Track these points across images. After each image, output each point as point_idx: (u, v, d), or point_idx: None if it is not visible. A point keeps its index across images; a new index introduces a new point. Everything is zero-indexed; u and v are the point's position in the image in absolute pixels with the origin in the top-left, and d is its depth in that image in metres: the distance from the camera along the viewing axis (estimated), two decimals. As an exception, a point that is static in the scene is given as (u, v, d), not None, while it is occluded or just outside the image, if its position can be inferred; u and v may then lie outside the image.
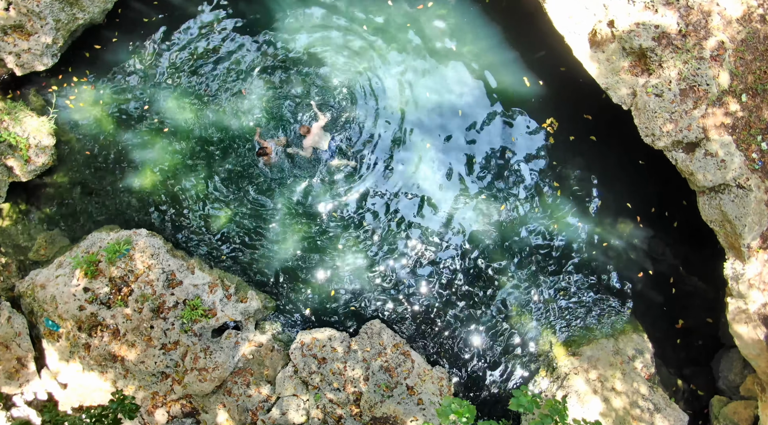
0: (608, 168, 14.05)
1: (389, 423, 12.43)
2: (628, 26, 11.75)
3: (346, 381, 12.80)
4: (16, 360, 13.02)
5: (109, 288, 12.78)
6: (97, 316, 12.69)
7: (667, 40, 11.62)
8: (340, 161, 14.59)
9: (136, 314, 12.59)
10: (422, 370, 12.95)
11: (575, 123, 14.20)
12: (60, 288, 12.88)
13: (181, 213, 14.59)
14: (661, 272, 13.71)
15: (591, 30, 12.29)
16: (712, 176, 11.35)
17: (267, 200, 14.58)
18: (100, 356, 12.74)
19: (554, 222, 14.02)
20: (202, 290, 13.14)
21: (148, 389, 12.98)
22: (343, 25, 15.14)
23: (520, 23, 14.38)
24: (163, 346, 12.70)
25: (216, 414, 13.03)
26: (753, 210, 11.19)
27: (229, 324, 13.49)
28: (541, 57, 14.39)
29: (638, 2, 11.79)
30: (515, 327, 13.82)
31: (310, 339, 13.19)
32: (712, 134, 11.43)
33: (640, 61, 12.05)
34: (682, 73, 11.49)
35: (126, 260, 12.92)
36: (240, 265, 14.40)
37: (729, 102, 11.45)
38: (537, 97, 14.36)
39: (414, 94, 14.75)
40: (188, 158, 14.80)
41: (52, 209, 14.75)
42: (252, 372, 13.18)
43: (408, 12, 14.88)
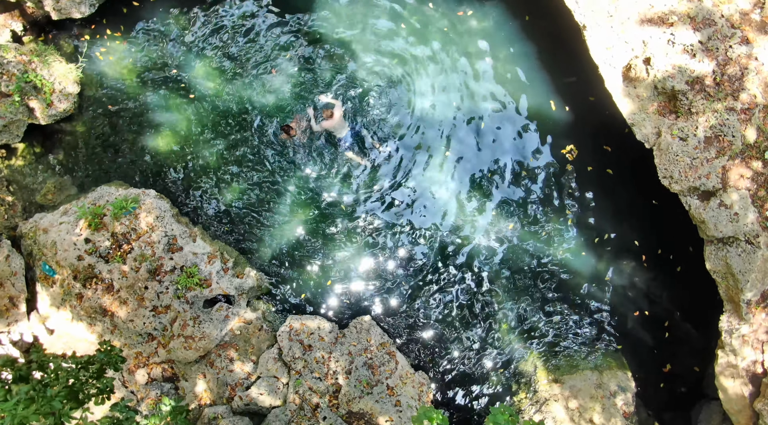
0: (621, 203, 14.05)
1: (364, 419, 12.47)
2: (665, 66, 11.76)
3: (328, 372, 12.84)
4: (8, 298, 13.07)
5: (110, 243, 12.81)
6: (94, 268, 12.72)
7: (700, 86, 11.63)
8: (354, 156, 14.61)
9: (132, 273, 12.63)
10: (405, 373, 12.99)
11: (594, 154, 14.20)
12: (62, 235, 12.91)
13: (191, 181, 14.63)
14: (657, 314, 13.72)
15: (627, 64, 12.29)
16: (723, 227, 11.36)
17: (279, 181, 14.60)
18: (90, 308, 12.78)
19: (559, 249, 14.03)
20: (201, 260, 13.17)
21: (133, 348, 13.03)
22: (379, 24, 15.14)
23: (556, 46, 14.37)
24: (154, 308, 12.74)
25: (195, 383, 13.08)
26: (758, 267, 11.21)
27: (222, 297, 13.52)
28: (572, 83, 14.39)
29: (678, 44, 11.79)
30: (503, 345, 13.84)
31: (299, 325, 13.23)
32: (729, 186, 11.44)
33: (670, 103, 12.05)
34: (710, 122, 11.50)
35: (131, 218, 12.95)
36: (241, 241, 14.43)
37: (752, 157, 11.46)
38: (561, 122, 14.35)
39: (441, 100, 14.76)
40: (207, 128, 14.83)
41: (65, 157, 14.79)
42: (237, 347, 13.22)
43: (447, 17, 14.88)
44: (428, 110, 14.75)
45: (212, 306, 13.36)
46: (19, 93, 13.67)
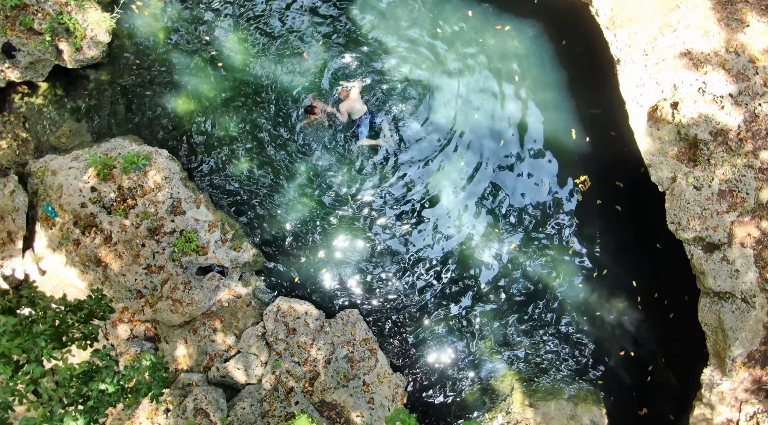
0: (624, 241, 14.05)
1: (335, 410, 12.49)
2: (691, 113, 11.78)
3: (308, 358, 12.86)
4: (6, 233, 13.09)
5: (115, 195, 12.83)
6: (95, 217, 12.74)
7: (723, 138, 11.65)
8: (370, 141, 14.63)
9: (132, 228, 12.65)
10: (383, 371, 13.01)
11: (606, 188, 14.21)
12: (69, 180, 12.94)
13: (204, 148, 14.66)
14: (642, 357, 13.72)
15: (654, 105, 12.31)
16: (722, 281, 11.37)
17: (290, 162, 14.63)
18: (86, 256, 12.80)
19: (556, 276, 14.05)
20: (201, 227, 13.19)
21: (120, 302, 13.05)
22: (419, 22, 15.16)
23: (587, 75, 14.38)
24: (148, 267, 12.76)
25: (176, 347, 13.10)
26: (749, 327, 11.22)
27: (216, 267, 13.54)
28: (596, 114, 14.40)
29: (708, 93, 11.81)
30: (484, 361, 13.86)
31: (287, 307, 13.24)
32: (735, 242, 11.46)
33: (690, 150, 12.07)
34: (727, 175, 11.52)
35: (140, 174, 12.97)
36: (243, 216, 14.46)
37: (762, 217, 11.47)
38: (579, 151, 14.37)
39: (463, 109, 14.78)
40: (230, 99, 14.86)
41: (85, 104, 14.83)
42: (222, 319, 13.25)
43: (485, 28, 14.89)
44: (449, 116, 14.77)
45: (205, 275, 13.39)
46: (51, 33, 13.70)
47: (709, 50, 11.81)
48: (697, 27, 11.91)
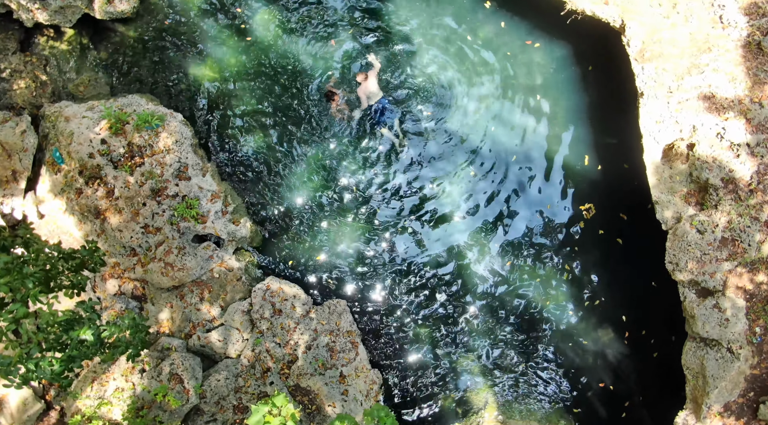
0: (621, 275, 14.03)
1: (308, 397, 12.50)
2: (706, 157, 11.76)
3: (289, 341, 12.87)
4: (11, 171, 13.10)
5: (124, 151, 12.84)
6: (101, 170, 12.75)
7: (734, 186, 11.64)
8: (386, 131, 14.64)
9: (136, 186, 12.66)
10: (362, 366, 13.00)
11: (610, 219, 14.19)
12: (81, 128, 12.94)
13: (219, 118, 14.67)
14: (620, 391, 13.70)
15: (670, 143, 12.29)
16: (710, 328, 11.37)
17: (303, 145, 14.63)
18: (86, 206, 12.81)
19: (547, 299, 14.04)
20: (204, 196, 13.20)
21: (113, 257, 13.06)
22: (448, 27, 15.14)
23: (609, 103, 14.34)
24: (146, 226, 12.77)
25: (160, 310, 13.11)
26: (731, 378, 11.23)
27: (212, 237, 13.55)
28: (611, 144, 14.38)
29: (726, 140, 11.79)
30: (463, 372, 13.86)
31: (276, 287, 13.25)
32: (729, 291, 11.45)
33: (699, 193, 12.06)
34: (732, 224, 11.51)
35: (151, 133, 12.97)
36: (247, 191, 14.46)
37: (760, 271, 11.47)
38: (589, 178, 14.35)
39: (480, 118, 14.77)
40: (252, 73, 14.87)
41: (108, 56, 14.84)
42: (211, 289, 13.25)
43: (515, 42, 14.86)
44: (466, 124, 14.77)
45: (200, 243, 13.41)
46: (85, -19, 13.72)
47: (734, 97, 11.79)
48: (725, 72, 11.90)
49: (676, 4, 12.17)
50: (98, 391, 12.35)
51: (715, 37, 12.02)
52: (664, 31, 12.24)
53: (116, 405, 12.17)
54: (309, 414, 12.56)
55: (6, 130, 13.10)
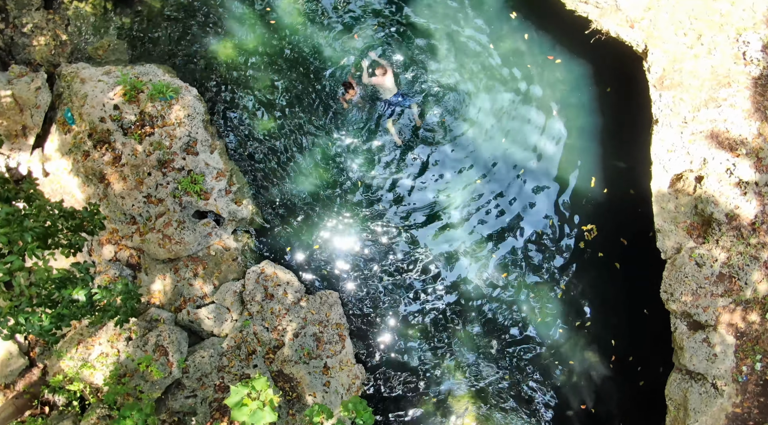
0: (615, 299, 14.02)
1: (290, 384, 12.50)
2: (713, 191, 11.76)
3: (277, 326, 12.87)
4: (21, 126, 13.11)
5: (136, 119, 12.84)
6: (110, 135, 12.76)
7: (737, 223, 11.64)
8: (392, 128, 14.65)
9: (143, 155, 12.66)
10: (346, 359, 13.01)
11: (610, 242, 14.18)
12: (96, 92, 12.94)
13: (233, 97, 14.67)
14: (600, 416, 13.69)
15: (679, 173, 12.29)
16: (697, 362, 11.37)
17: (314, 134, 14.64)
18: (91, 169, 12.82)
19: (539, 315, 14.04)
20: (210, 173, 13.20)
21: (112, 223, 13.07)
22: (472, 34, 15.13)
23: (622, 127, 14.32)
24: (149, 196, 12.78)
25: (153, 281, 13.12)
26: (712, 413, 11.22)
27: (213, 214, 13.56)
28: (620, 168, 14.37)
29: (735, 176, 11.78)
30: (446, 377, 13.86)
31: (271, 272, 13.26)
32: (720, 327, 11.45)
33: (702, 226, 12.05)
34: (731, 261, 11.51)
35: (165, 105, 12.97)
36: (253, 173, 14.47)
37: (753, 310, 11.47)
38: (594, 199, 14.33)
39: (493, 128, 14.76)
40: (271, 58, 14.87)
41: (131, 23, 14.84)
42: (206, 266, 13.26)
43: (537, 56, 14.85)
44: (478, 131, 14.76)
45: (200, 219, 13.41)
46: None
47: (748, 135, 11.78)
48: (743, 109, 11.89)
49: (701, 36, 12.16)
50: (83, 354, 12.36)
51: (737, 73, 12.01)
52: (686, 61, 12.23)
53: (99, 369, 12.18)
54: (289, 401, 12.57)
55: (21, 84, 13.11)
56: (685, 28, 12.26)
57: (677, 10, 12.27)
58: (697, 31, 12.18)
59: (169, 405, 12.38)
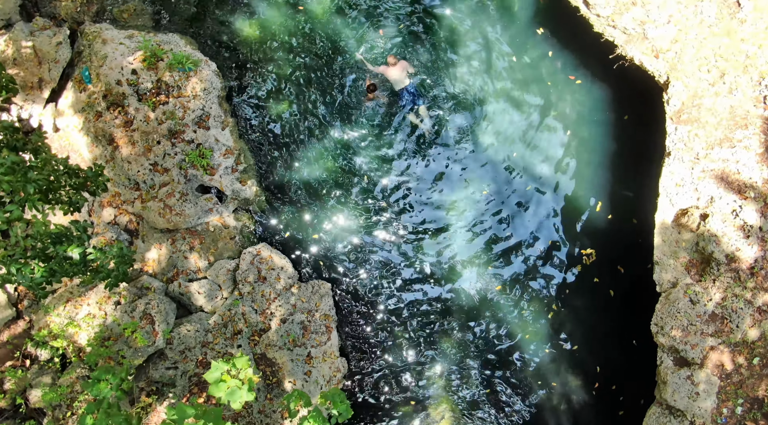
0: (605, 326, 13.96)
1: (272, 368, 12.50)
2: (716, 231, 11.73)
3: (266, 310, 12.87)
4: (38, 79, 13.12)
5: (152, 86, 12.84)
6: (125, 98, 12.76)
7: (736, 266, 11.61)
8: (413, 117, 14.65)
9: (155, 123, 12.66)
10: (330, 351, 13.00)
11: (608, 269, 14.14)
12: (116, 54, 12.94)
13: (252, 77, 14.67)
14: (575, 438, 13.74)
15: (685, 208, 12.26)
16: (679, 398, 11.34)
17: (327, 123, 14.63)
18: (102, 130, 12.82)
19: (526, 333, 13.99)
20: (219, 149, 13.20)
21: (116, 187, 13.07)
22: (499, 45, 15.08)
23: (634, 155, 14.25)
24: (155, 164, 12.78)
25: (149, 249, 13.12)
26: (687, 449, 11.22)
27: (216, 191, 13.55)
28: (627, 196, 14.33)
29: (740, 218, 11.76)
30: (427, 383, 13.84)
31: (267, 255, 13.25)
32: (706, 367, 11.43)
33: (701, 264, 12.02)
34: (725, 302, 11.48)
35: (183, 76, 12.97)
36: (262, 155, 14.46)
37: (741, 354, 11.44)
38: (597, 224, 14.29)
39: (506, 141, 14.73)
40: (296, 41, 14.86)
41: (159, -9, 14.87)
42: (203, 241, 13.26)
43: (558, 74, 14.80)
44: (491, 142, 14.72)
45: (203, 194, 13.40)
46: None
47: (758, 179, 11.75)
48: (756, 152, 11.85)
49: (724, 75, 12.13)
50: (70, 312, 12.37)
51: (755, 116, 11.98)
52: (706, 97, 12.20)
53: (84, 329, 12.18)
54: (268, 385, 12.57)
55: (43, 37, 13.12)
56: (709, 65, 12.22)
57: (704, 47, 12.23)
58: (721, 69, 12.14)
59: (150, 373, 12.39)
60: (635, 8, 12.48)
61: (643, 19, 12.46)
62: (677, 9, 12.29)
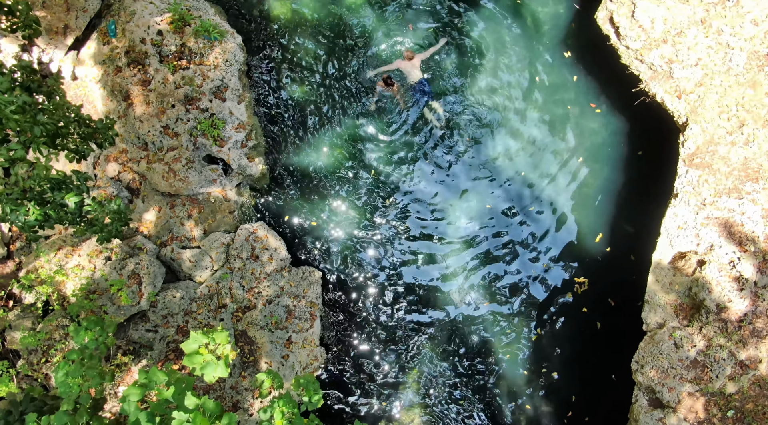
0: (586, 357, 13.94)
1: (250, 346, 12.51)
2: (711, 278, 11.71)
3: (253, 288, 12.87)
4: (64, 25, 13.12)
5: (175, 50, 12.85)
6: (147, 57, 12.77)
7: (725, 317, 11.59)
8: (427, 111, 14.69)
9: (172, 86, 12.67)
10: (311, 339, 12.99)
11: (598, 300, 14.11)
12: (145, 12, 12.97)
13: (275, 56, 14.70)
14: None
15: (684, 252, 12.25)
16: (647, 437, 11.35)
17: (343, 113, 14.63)
18: (119, 85, 12.84)
19: (507, 353, 13.98)
20: (232, 122, 13.20)
21: (124, 143, 13.09)
22: (525, 62, 15.07)
23: (642, 193, 14.26)
24: (166, 127, 12.79)
25: (147, 210, 13.13)
26: (647, 490, 11.20)
27: (223, 163, 13.55)
28: (628, 231, 14.31)
29: (737, 270, 11.73)
30: (401, 386, 13.83)
31: (263, 234, 13.25)
32: (680, 411, 11.41)
33: (691, 309, 12.01)
34: (709, 350, 11.46)
35: (207, 44, 12.98)
36: (274, 134, 14.48)
37: (716, 404, 11.41)
38: (594, 255, 14.27)
39: (516, 159, 14.70)
40: (323, 28, 14.88)
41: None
42: (202, 210, 13.26)
43: (579, 100, 14.77)
44: (500, 157, 14.71)
45: (209, 164, 13.41)
46: None
47: (761, 234, 11.73)
48: (763, 207, 11.83)
49: (743, 126, 12.10)
50: (61, 260, 12.38)
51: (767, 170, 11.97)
52: (721, 145, 12.18)
53: (71, 279, 12.20)
54: (244, 362, 12.57)
55: (75, -15, 13.15)
56: (729, 113, 12.20)
57: (727, 95, 12.21)
58: (741, 120, 12.12)
59: (129, 333, 12.41)
60: (665, 46, 12.46)
61: (671, 58, 12.44)
62: (707, 53, 12.26)
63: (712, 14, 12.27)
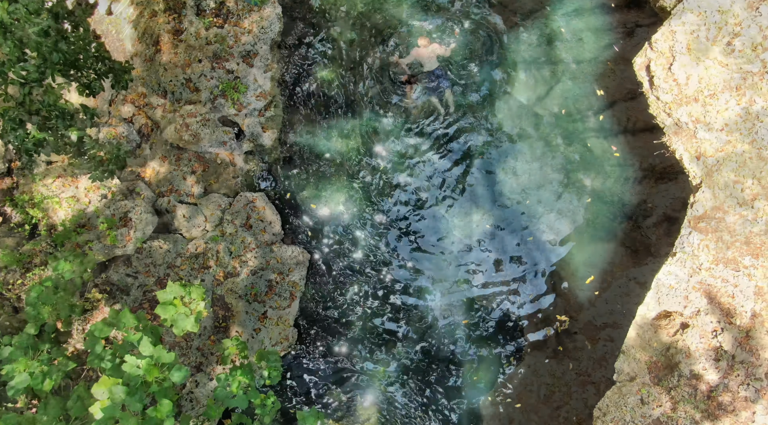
0: (554, 396, 13.86)
1: (225, 313, 12.55)
2: (690, 344, 11.63)
3: (240, 256, 12.89)
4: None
5: (214, 6, 13.00)
6: (185, 8, 12.98)
7: (696, 382, 11.51)
8: (436, 101, 14.68)
9: (203, 41, 12.70)
10: (286, 318, 13.01)
11: (576, 341, 14.05)
12: (194, -35, 13.01)
13: (311, 33, 14.71)
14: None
15: (669, 311, 12.16)
16: (592, 484, 11.30)
17: (362, 104, 14.62)
18: (151, 29, 12.91)
19: (477, 377, 13.89)
20: (254, 89, 13.22)
21: (144, 88, 13.11)
22: (556, 92, 14.99)
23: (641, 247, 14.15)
24: (188, 80, 12.82)
25: (153, 158, 13.17)
26: None
27: (236, 127, 13.55)
28: (620, 280, 14.24)
29: (717, 341, 11.65)
30: (366, 381, 13.82)
31: (261, 206, 13.27)
32: (630, 466, 11.38)
33: (664, 369, 11.93)
34: (674, 413, 11.39)
35: (247, 7, 13.04)
36: (293, 110, 14.47)
37: (667, 467, 11.38)
38: (581, 296, 14.17)
39: (524, 185, 14.64)
40: (363, 14, 14.89)
41: None
42: (206, 169, 13.28)
43: (600, 139, 14.64)
44: (509, 180, 14.63)
45: (223, 126, 13.42)
46: None
47: (749, 310, 11.64)
48: (757, 284, 11.74)
49: (755, 200, 12.00)
50: (57, 188, 12.43)
51: (770, 249, 11.87)
52: (730, 214, 12.08)
53: (63, 209, 12.25)
54: (216, 327, 12.60)
55: None
56: (745, 185, 12.09)
57: (746, 167, 12.10)
58: (755, 193, 12.01)
59: (109, 274, 12.45)
60: (695, 105, 12.37)
61: (698, 118, 12.34)
62: (735, 121, 12.16)
63: (749, 83, 12.15)
